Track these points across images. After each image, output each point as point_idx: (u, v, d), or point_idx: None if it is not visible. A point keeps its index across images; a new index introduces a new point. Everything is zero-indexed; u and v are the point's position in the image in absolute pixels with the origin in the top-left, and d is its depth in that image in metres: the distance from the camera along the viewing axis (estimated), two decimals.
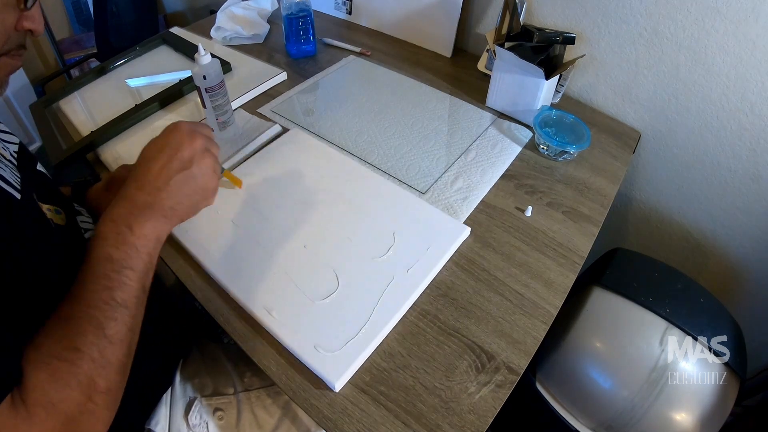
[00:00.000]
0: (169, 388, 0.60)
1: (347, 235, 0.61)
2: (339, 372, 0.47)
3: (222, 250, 0.59)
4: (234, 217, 0.63)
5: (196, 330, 0.70)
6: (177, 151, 0.46)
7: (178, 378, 0.61)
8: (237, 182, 0.65)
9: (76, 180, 0.66)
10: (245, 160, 0.72)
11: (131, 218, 0.43)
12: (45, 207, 0.46)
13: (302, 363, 0.49)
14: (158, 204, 0.44)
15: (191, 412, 0.57)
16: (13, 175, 0.42)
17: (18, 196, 0.40)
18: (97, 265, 0.40)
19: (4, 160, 0.44)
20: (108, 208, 0.44)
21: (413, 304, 0.55)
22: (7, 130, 0.51)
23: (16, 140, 0.51)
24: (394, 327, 0.53)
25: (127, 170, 0.64)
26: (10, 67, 0.43)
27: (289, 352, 0.50)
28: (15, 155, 0.48)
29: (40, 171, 0.51)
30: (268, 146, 0.75)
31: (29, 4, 0.40)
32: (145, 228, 0.43)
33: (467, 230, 0.62)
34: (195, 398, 0.58)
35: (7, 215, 0.38)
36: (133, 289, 0.41)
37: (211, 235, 0.61)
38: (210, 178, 0.49)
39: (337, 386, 0.47)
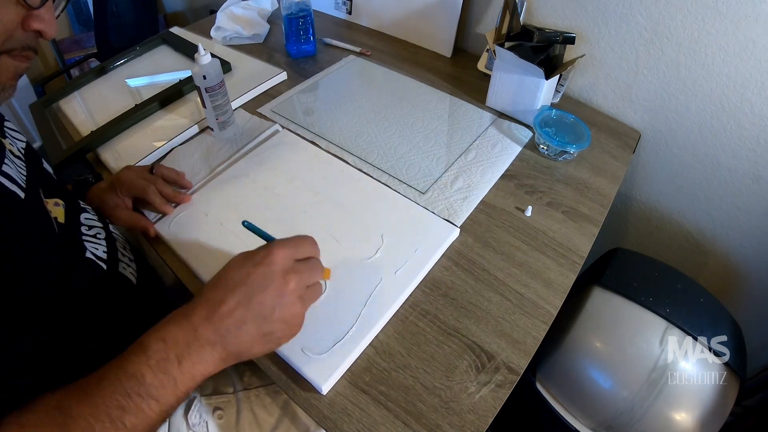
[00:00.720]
0: None
1: (335, 236, 0.60)
2: (326, 375, 0.47)
3: (210, 253, 0.59)
4: (222, 219, 0.63)
5: None
6: (260, 293, 0.39)
7: None
8: (326, 275, 0.48)
9: (76, 178, 0.66)
10: (236, 161, 0.72)
11: (186, 351, 0.37)
12: (52, 202, 0.45)
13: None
14: (221, 346, 0.38)
15: (191, 411, 0.56)
16: (19, 173, 0.41)
17: (22, 194, 0.39)
18: (124, 376, 0.35)
19: (12, 156, 0.43)
20: (165, 321, 0.39)
21: (413, 304, 0.55)
22: (16, 128, 0.50)
23: (24, 138, 0.50)
24: (394, 327, 0.53)
25: (132, 172, 0.64)
26: (13, 68, 0.39)
27: None
28: (23, 151, 0.47)
29: (45, 168, 0.51)
30: (258, 148, 0.75)
31: (33, 2, 0.37)
32: (196, 368, 0.37)
33: (456, 231, 0.62)
34: (194, 397, 0.58)
35: (9, 214, 0.37)
36: (150, 420, 0.36)
37: (198, 238, 0.61)
38: (292, 327, 0.41)
39: (324, 389, 0.47)
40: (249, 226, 0.48)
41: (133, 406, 0.35)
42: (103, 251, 0.51)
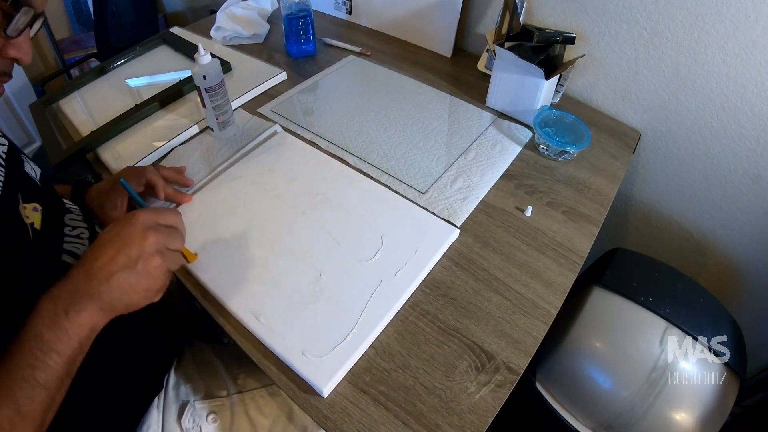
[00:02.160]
0: (161, 392, 0.59)
1: (335, 237, 0.60)
2: (327, 378, 0.47)
3: (208, 256, 0.59)
4: (220, 222, 0.63)
5: (191, 331, 0.70)
6: (125, 246, 0.44)
7: (170, 381, 0.60)
8: (191, 257, 0.54)
9: (75, 178, 0.66)
10: (236, 162, 0.72)
11: (69, 304, 0.42)
12: (30, 207, 0.46)
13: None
14: (98, 296, 0.43)
15: (184, 416, 0.56)
16: None
17: None
18: (27, 340, 0.40)
19: None
20: (56, 283, 0.43)
21: (413, 304, 0.55)
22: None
23: (6, 142, 0.50)
24: (395, 327, 0.53)
25: (131, 173, 0.63)
26: None
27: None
28: (3, 155, 0.48)
29: (26, 173, 0.51)
30: (257, 149, 0.75)
31: (10, 32, 0.40)
32: (81, 317, 0.42)
33: (456, 232, 0.62)
34: (188, 402, 0.58)
35: None
36: (57, 372, 0.40)
37: (197, 241, 0.61)
38: (155, 279, 0.46)
39: (325, 392, 0.47)
40: (124, 185, 0.56)
41: (39, 363, 0.39)
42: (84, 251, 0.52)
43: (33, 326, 0.41)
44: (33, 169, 0.53)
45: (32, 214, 0.47)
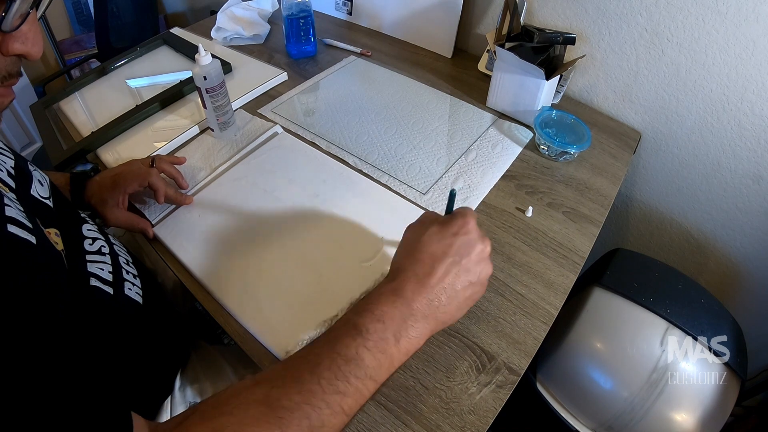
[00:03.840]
0: (170, 395, 0.59)
1: (335, 239, 0.60)
2: None
3: (209, 256, 0.59)
4: (222, 223, 0.63)
5: (195, 332, 0.70)
6: (466, 258, 0.40)
7: (177, 384, 0.60)
8: None
9: (74, 171, 0.65)
10: (235, 163, 0.72)
11: (401, 327, 0.37)
12: (53, 232, 0.41)
13: None
14: (433, 317, 0.39)
15: None
16: (17, 210, 0.35)
17: (33, 240, 0.34)
18: (341, 361, 0.35)
19: (3, 188, 0.37)
20: (374, 295, 0.39)
21: None
22: (2, 146, 0.44)
23: (12, 156, 0.44)
24: None
25: (137, 166, 0.62)
26: None
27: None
28: (12, 172, 0.42)
29: (33, 196, 0.43)
30: (257, 150, 0.75)
31: (6, 26, 0.31)
32: (411, 343, 0.38)
33: None
34: (196, 403, 0.58)
35: (28, 266, 0.32)
36: (364, 399, 0.35)
37: (198, 242, 0.61)
38: (484, 286, 0.42)
39: None
40: (453, 195, 0.47)
41: (352, 389, 0.34)
42: (109, 271, 0.49)
43: (350, 348, 0.35)
44: (40, 180, 0.47)
45: (56, 239, 0.41)
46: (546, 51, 0.75)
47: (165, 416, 0.57)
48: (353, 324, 0.37)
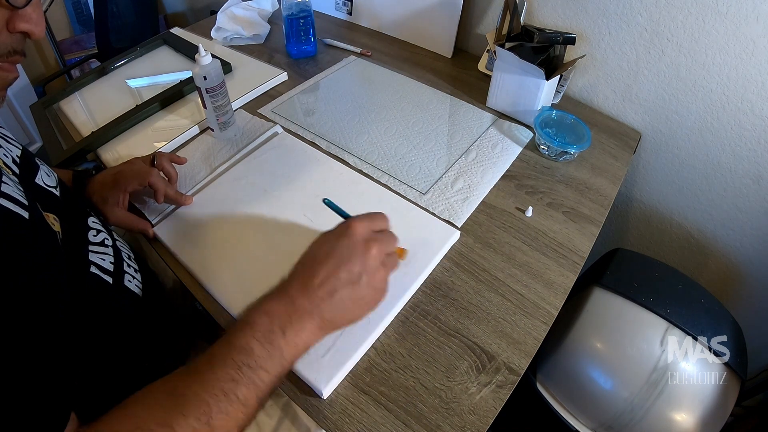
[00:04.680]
0: None
1: None
2: (327, 379, 0.47)
3: (209, 257, 0.59)
4: (221, 223, 0.63)
5: (195, 332, 0.70)
6: (347, 262, 0.42)
7: None
8: (402, 254, 0.51)
9: (77, 168, 0.65)
10: (235, 164, 0.72)
11: (287, 321, 0.40)
12: (51, 216, 0.43)
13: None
14: (318, 313, 0.41)
15: None
16: (16, 189, 0.38)
17: (26, 214, 0.36)
18: (233, 352, 0.37)
19: (5, 169, 0.40)
20: (265, 297, 0.42)
21: (413, 304, 0.55)
22: (11, 136, 0.48)
23: (20, 146, 0.47)
24: (395, 328, 0.53)
25: (138, 164, 0.62)
26: (2, 77, 0.38)
27: None
28: (18, 160, 0.45)
29: (38, 184, 0.46)
30: (257, 150, 0.75)
31: (18, 2, 0.35)
32: (298, 337, 0.40)
33: (456, 234, 0.62)
34: None
35: (16, 239, 0.34)
36: (261, 390, 0.38)
37: (198, 242, 0.61)
38: (380, 291, 0.44)
39: (325, 393, 0.47)
40: (328, 204, 0.51)
41: (244, 378, 0.37)
42: (110, 262, 0.50)
43: (243, 339, 0.38)
44: (48, 172, 0.49)
45: (54, 222, 0.43)
46: (546, 51, 0.75)
47: None
48: (245, 319, 0.40)
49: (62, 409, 0.34)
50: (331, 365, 0.48)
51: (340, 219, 0.47)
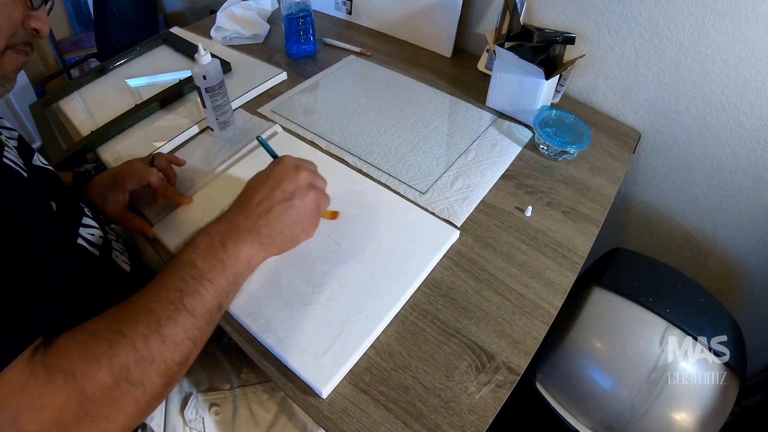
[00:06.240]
0: None
1: (335, 239, 0.60)
2: (326, 379, 0.47)
3: None
4: None
5: None
6: (280, 183, 0.47)
7: None
8: (334, 215, 0.62)
9: (78, 169, 0.66)
10: (235, 163, 0.72)
11: (226, 236, 0.44)
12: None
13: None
14: (256, 230, 0.45)
15: (187, 408, 0.56)
16: (16, 158, 0.42)
17: (25, 174, 0.40)
18: (177, 267, 0.41)
19: (8, 145, 0.44)
20: (206, 224, 0.46)
21: (413, 304, 0.55)
22: (8, 125, 0.51)
23: (16, 134, 0.51)
24: (395, 327, 0.53)
25: (138, 165, 0.63)
26: (17, 61, 0.44)
27: None
28: (16, 144, 0.48)
29: (36, 165, 0.51)
30: (256, 150, 0.74)
31: (36, 3, 0.42)
32: (238, 249, 0.44)
33: (456, 234, 0.62)
34: (191, 393, 0.58)
35: (17, 193, 0.38)
36: (207, 301, 0.40)
37: None
38: (311, 212, 0.49)
39: (324, 393, 0.47)
40: (261, 141, 0.58)
41: (190, 288, 0.40)
42: (99, 236, 0.52)
43: (185, 256, 0.41)
44: (41, 157, 0.53)
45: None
46: (546, 51, 0.75)
47: (161, 410, 0.57)
48: (187, 241, 0.44)
49: (33, 328, 0.35)
50: (330, 365, 0.48)
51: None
